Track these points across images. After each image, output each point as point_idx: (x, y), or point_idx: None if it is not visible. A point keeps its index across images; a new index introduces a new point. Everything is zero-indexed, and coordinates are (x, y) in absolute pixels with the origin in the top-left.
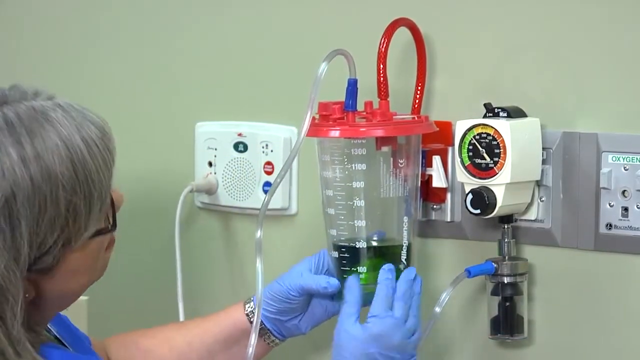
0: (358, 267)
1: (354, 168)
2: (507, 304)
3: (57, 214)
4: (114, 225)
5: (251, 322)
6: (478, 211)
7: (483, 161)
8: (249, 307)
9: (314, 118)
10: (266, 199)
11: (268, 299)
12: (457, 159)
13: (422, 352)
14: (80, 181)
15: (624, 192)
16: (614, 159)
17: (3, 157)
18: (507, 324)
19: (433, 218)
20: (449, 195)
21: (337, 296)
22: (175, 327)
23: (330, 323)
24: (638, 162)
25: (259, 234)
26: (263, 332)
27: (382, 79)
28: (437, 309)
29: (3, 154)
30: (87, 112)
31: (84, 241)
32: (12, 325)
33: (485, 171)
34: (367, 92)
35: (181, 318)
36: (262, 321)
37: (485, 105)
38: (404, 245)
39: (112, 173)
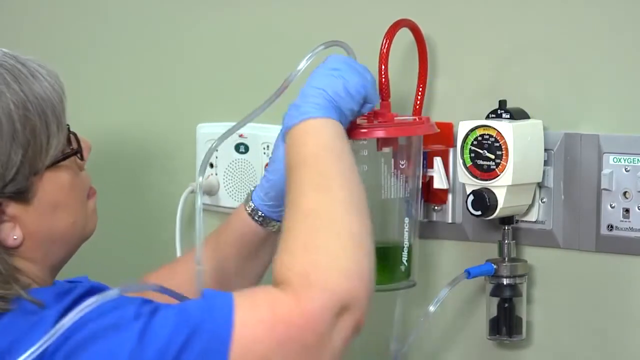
0: None
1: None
2: (506, 305)
3: (14, 131)
4: (79, 148)
5: (255, 220)
6: (479, 212)
7: (485, 162)
8: (248, 207)
9: None
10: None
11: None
12: (459, 160)
13: (420, 351)
14: (30, 100)
15: (625, 193)
16: (615, 160)
17: None
18: (506, 325)
19: (434, 219)
20: (450, 197)
21: None
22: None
23: None
24: (639, 164)
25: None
26: (264, 221)
27: (383, 80)
28: (431, 308)
29: None
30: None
31: (53, 169)
32: None
33: (487, 172)
34: None
35: None
36: (259, 211)
37: (500, 102)
38: (405, 246)
39: (63, 102)
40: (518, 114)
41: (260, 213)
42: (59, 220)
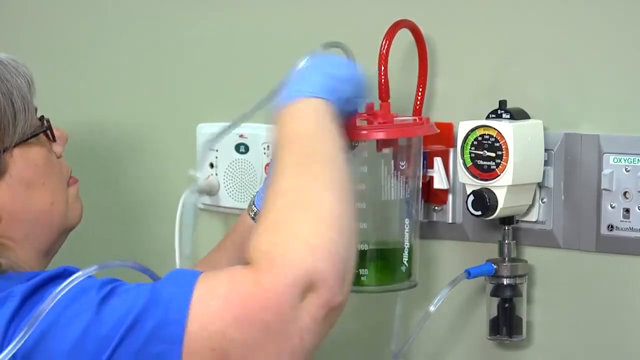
0: (360, 269)
1: (355, 170)
2: (506, 305)
3: None
4: (49, 127)
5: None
6: (479, 213)
7: (485, 162)
8: (251, 212)
9: None
10: None
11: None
12: (459, 160)
13: (420, 351)
14: None
15: (625, 193)
16: (615, 160)
17: None
18: (506, 325)
19: (434, 219)
20: (450, 197)
21: None
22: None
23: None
24: (639, 164)
25: None
26: None
27: (383, 80)
28: (432, 308)
29: None
30: None
31: (23, 146)
32: None
33: (487, 172)
34: None
35: None
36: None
37: (500, 102)
38: (406, 247)
39: (31, 86)
40: (518, 114)
41: None
42: (36, 200)
